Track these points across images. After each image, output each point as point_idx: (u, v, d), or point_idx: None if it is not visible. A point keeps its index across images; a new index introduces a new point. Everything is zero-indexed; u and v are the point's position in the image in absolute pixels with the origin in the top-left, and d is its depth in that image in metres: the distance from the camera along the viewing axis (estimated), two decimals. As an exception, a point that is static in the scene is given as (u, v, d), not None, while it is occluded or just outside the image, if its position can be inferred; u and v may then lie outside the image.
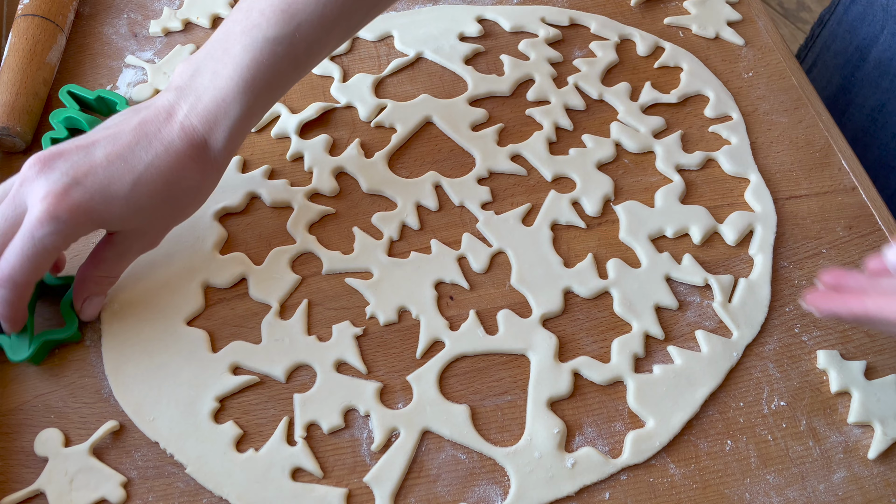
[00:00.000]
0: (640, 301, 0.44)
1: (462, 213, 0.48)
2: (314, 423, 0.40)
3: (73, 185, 0.37)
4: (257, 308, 0.44)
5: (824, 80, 0.66)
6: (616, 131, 0.51)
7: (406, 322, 0.44)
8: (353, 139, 0.50)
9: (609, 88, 0.53)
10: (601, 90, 0.53)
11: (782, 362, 0.43)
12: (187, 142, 0.40)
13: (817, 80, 0.66)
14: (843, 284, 0.38)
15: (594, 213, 0.48)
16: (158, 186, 0.39)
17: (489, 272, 0.46)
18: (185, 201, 0.42)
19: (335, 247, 0.46)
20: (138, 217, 0.40)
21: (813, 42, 0.69)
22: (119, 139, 0.39)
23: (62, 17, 0.53)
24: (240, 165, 0.49)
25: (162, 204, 0.40)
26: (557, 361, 0.42)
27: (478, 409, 0.41)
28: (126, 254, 0.42)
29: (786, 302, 0.45)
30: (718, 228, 0.47)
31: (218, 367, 0.42)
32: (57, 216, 0.37)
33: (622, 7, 0.58)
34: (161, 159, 0.39)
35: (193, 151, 0.40)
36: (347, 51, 0.55)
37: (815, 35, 0.68)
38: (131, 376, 0.41)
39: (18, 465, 0.39)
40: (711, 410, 0.42)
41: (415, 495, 0.39)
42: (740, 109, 0.53)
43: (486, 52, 0.55)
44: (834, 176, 0.50)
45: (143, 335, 0.42)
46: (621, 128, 0.51)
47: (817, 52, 0.68)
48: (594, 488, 0.39)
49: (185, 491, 0.38)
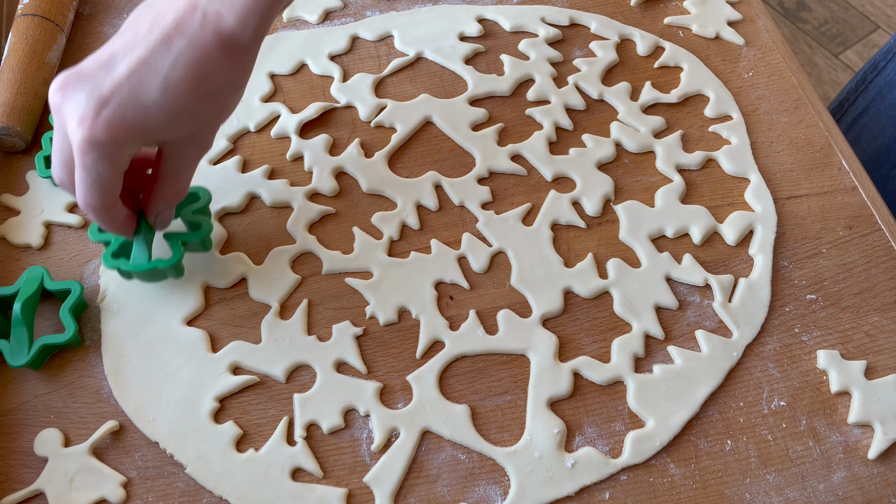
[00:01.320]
0: (640, 301, 0.44)
1: (462, 213, 0.48)
2: (314, 423, 0.40)
3: (102, 106, 0.35)
4: (257, 308, 0.44)
5: (876, 129, 0.63)
6: (616, 131, 0.51)
7: (406, 322, 0.44)
8: (353, 139, 0.50)
9: (609, 88, 0.53)
10: (601, 90, 0.53)
11: (782, 362, 0.43)
12: (212, 31, 0.36)
13: (867, 128, 0.64)
14: None
15: (594, 213, 0.48)
16: (191, 84, 0.36)
17: (489, 272, 0.46)
18: (223, 95, 0.39)
19: (335, 247, 0.46)
20: (179, 121, 0.37)
21: (865, 88, 0.66)
22: (137, 45, 0.36)
23: (62, 17, 0.53)
24: (240, 165, 0.49)
25: (199, 102, 0.37)
26: (557, 361, 0.42)
27: (478, 409, 0.41)
28: (182, 164, 0.40)
29: (786, 302, 0.45)
30: (718, 228, 0.47)
31: (218, 367, 0.42)
32: (94, 141, 0.35)
33: (622, 7, 0.58)
34: (186, 55, 0.36)
35: (220, 40, 0.37)
36: (347, 50, 0.55)
37: (868, 80, 0.65)
38: (131, 376, 0.41)
39: (18, 465, 0.39)
40: (711, 410, 0.42)
41: (415, 495, 0.39)
42: (740, 109, 0.53)
43: (486, 51, 0.55)
44: (834, 176, 0.50)
45: (142, 335, 0.42)
46: (621, 128, 0.51)
47: (870, 99, 0.65)
48: (594, 488, 0.39)
49: (185, 491, 0.38)
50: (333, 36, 0.55)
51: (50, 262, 0.45)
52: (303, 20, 0.56)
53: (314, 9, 0.56)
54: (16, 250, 0.46)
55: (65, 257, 0.45)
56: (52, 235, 0.46)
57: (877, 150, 0.56)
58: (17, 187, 0.48)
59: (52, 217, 0.46)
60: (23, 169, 0.48)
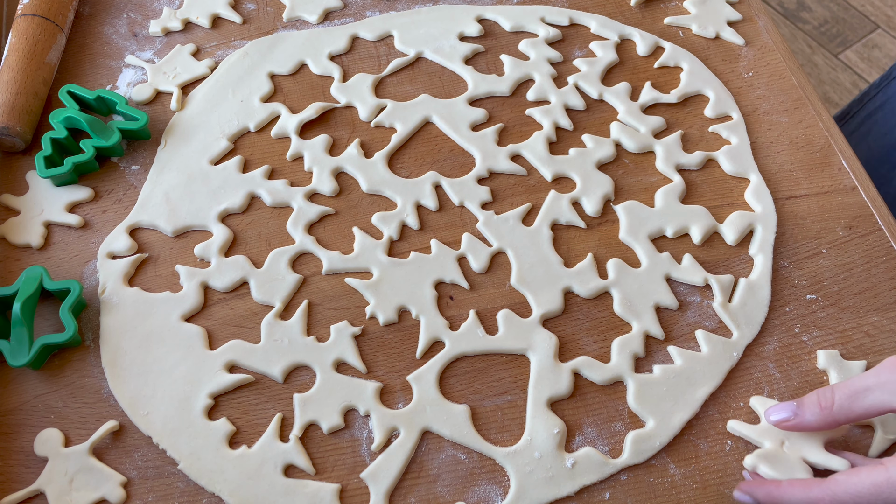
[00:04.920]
0: (640, 301, 0.44)
1: (462, 213, 0.48)
2: (314, 423, 0.40)
3: None
4: (257, 308, 0.44)
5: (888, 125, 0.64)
6: (616, 131, 0.51)
7: (406, 322, 0.44)
8: (353, 139, 0.50)
9: (609, 88, 0.53)
10: (601, 90, 0.53)
11: (782, 362, 0.43)
12: None
13: (879, 123, 0.64)
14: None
15: (594, 213, 0.48)
16: None
17: (489, 272, 0.46)
18: None
19: (335, 247, 0.46)
20: None
21: (889, 83, 0.65)
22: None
23: (62, 17, 0.53)
24: (240, 165, 0.49)
25: None
26: (557, 361, 0.42)
27: (478, 409, 0.41)
28: None
29: (786, 302, 0.45)
30: (718, 228, 0.47)
31: (214, 365, 0.42)
32: None
33: (622, 7, 0.58)
34: None
35: None
36: (347, 51, 0.55)
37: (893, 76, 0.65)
38: (127, 370, 0.41)
39: (18, 465, 0.39)
40: (711, 410, 0.42)
41: (414, 495, 0.39)
42: (740, 109, 0.53)
43: (486, 52, 0.55)
44: (834, 176, 0.50)
45: (140, 329, 0.43)
46: (621, 128, 0.51)
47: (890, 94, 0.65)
48: (594, 488, 0.39)
49: (184, 491, 0.38)
50: (333, 36, 0.55)
51: (50, 262, 0.45)
52: (303, 20, 0.56)
53: (314, 9, 0.56)
54: (16, 250, 0.46)
55: (65, 257, 0.45)
56: (52, 235, 0.46)
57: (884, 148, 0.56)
58: (17, 187, 0.48)
59: (52, 217, 0.46)
60: (23, 169, 0.48)
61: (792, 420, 0.38)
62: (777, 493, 0.37)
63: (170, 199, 0.47)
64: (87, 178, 0.48)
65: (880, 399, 0.35)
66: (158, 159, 0.49)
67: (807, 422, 0.38)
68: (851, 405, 0.36)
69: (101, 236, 0.46)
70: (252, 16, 0.56)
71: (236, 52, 0.54)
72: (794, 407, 0.38)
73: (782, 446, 0.40)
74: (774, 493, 0.37)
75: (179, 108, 0.51)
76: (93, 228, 0.46)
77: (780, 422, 0.39)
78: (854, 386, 0.36)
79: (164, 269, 0.45)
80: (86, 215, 0.47)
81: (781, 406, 0.39)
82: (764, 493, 0.37)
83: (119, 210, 0.47)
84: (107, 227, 0.46)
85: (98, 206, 0.47)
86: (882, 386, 0.35)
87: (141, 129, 0.49)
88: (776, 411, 0.39)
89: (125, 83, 0.53)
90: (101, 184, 0.48)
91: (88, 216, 0.47)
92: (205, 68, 0.53)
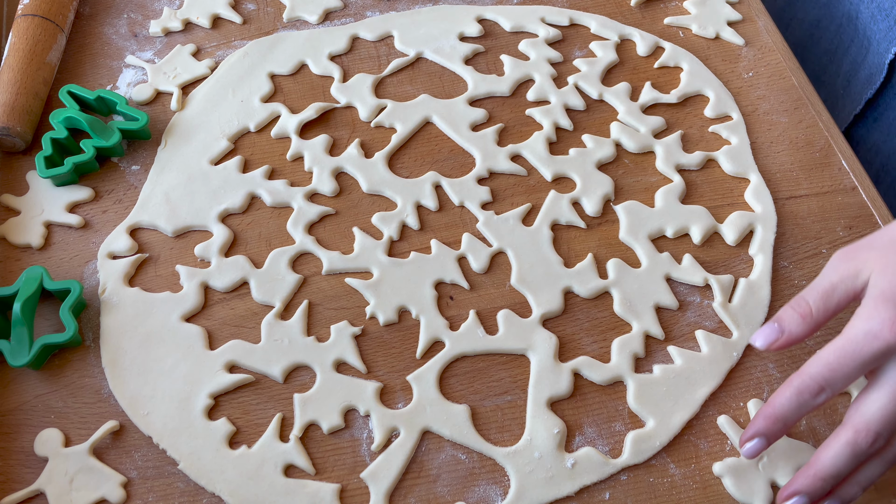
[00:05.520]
0: (640, 301, 0.44)
1: (462, 213, 0.48)
2: (314, 423, 0.40)
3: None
4: (257, 308, 0.44)
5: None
6: (616, 131, 0.51)
7: (406, 322, 0.44)
8: (353, 139, 0.50)
9: (609, 88, 0.53)
10: (601, 90, 0.53)
11: (782, 362, 0.43)
12: None
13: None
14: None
15: (594, 213, 0.48)
16: None
17: (489, 272, 0.46)
18: None
19: (335, 247, 0.46)
20: None
21: None
22: None
23: (62, 17, 0.53)
24: (240, 165, 0.49)
25: None
26: (557, 361, 0.42)
27: (478, 409, 0.41)
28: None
29: (786, 302, 0.45)
30: (718, 228, 0.47)
31: (214, 365, 0.42)
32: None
33: (622, 7, 0.58)
34: None
35: None
36: (347, 51, 0.55)
37: None
38: (127, 370, 0.41)
39: (18, 465, 0.39)
40: (711, 410, 0.42)
41: (414, 495, 0.39)
42: (740, 109, 0.53)
43: (486, 52, 0.55)
44: (834, 176, 0.50)
45: (140, 329, 0.43)
46: (621, 128, 0.51)
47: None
48: (594, 488, 0.39)
49: (185, 491, 0.38)
50: (333, 36, 0.55)
51: (50, 262, 0.45)
52: (303, 20, 0.56)
53: (314, 9, 0.56)
54: (16, 250, 0.46)
55: (65, 257, 0.45)
56: (52, 235, 0.46)
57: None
58: (17, 187, 0.48)
59: (52, 217, 0.46)
60: (23, 169, 0.48)
61: (781, 338, 0.38)
62: (770, 409, 0.37)
63: (170, 199, 0.47)
64: (87, 178, 0.48)
65: (846, 288, 0.37)
66: (158, 159, 0.49)
67: (795, 334, 0.38)
68: (827, 305, 0.38)
69: (101, 236, 0.46)
70: (252, 16, 0.56)
71: (236, 53, 0.54)
72: (775, 327, 0.39)
73: (759, 461, 0.39)
74: (768, 412, 0.37)
75: (179, 109, 0.51)
76: (93, 228, 0.46)
77: (769, 344, 0.39)
78: (821, 287, 0.38)
79: (165, 269, 0.45)
80: (86, 215, 0.47)
81: (763, 330, 0.39)
82: (760, 421, 0.37)
83: (119, 210, 0.47)
84: (107, 227, 0.46)
85: (98, 206, 0.47)
86: (844, 279, 0.38)
87: (141, 129, 0.49)
88: (760, 336, 0.39)
89: (125, 83, 0.53)
90: (101, 184, 0.48)
91: (88, 216, 0.47)
92: (205, 68, 0.53)
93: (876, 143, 0.61)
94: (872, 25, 0.58)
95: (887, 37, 0.57)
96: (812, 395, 0.36)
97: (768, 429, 0.37)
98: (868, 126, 0.62)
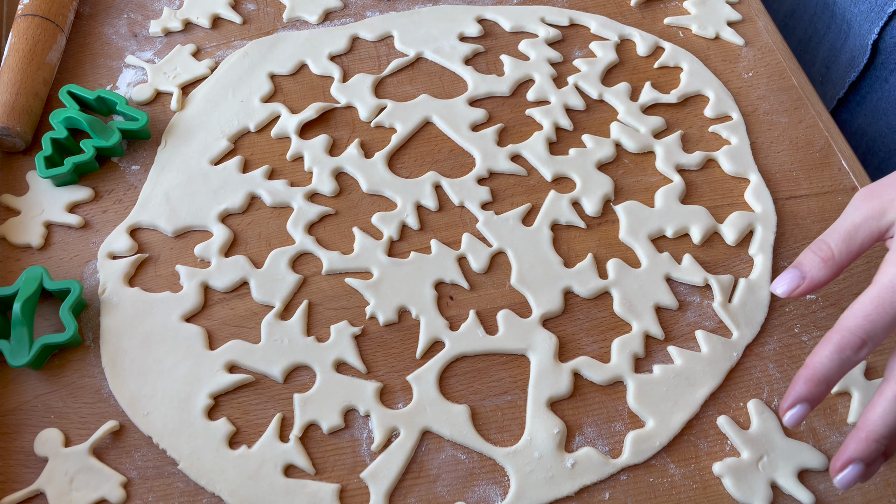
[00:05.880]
0: (640, 301, 0.44)
1: (462, 213, 0.48)
2: (314, 423, 0.40)
3: None
4: (257, 308, 0.44)
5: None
6: (616, 131, 0.51)
7: (406, 322, 0.44)
8: (353, 139, 0.50)
9: (609, 88, 0.53)
10: (601, 90, 0.53)
11: (782, 362, 0.43)
12: None
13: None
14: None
15: (594, 213, 0.48)
16: None
17: (489, 272, 0.46)
18: None
19: (335, 247, 0.46)
20: None
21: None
22: None
23: (62, 17, 0.53)
24: (240, 165, 0.49)
25: None
26: (557, 361, 0.42)
27: (478, 409, 0.41)
28: None
29: (786, 302, 0.45)
30: (718, 228, 0.47)
31: (214, 365, 0.42)
32: None
33: (622, 7, 0.58)
34: None
35: None
36: (347, 51, 0.55)
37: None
38: (127, 370, 0.41)
39: (18, 465, 0.39)
40: (711, 410, 0.42)
41: (414, 495, 0.39)
42: (740, 109, 0.53)
43: (486, 52, 0.55)
44: (834, 176, 0.50)
45: (140, 329, 0.43)
46: (621, 128, 0.51)
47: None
48: (594, 488, 0.39)
49: (185, 491, 0.38)
50: (333, 36, 0.55)
51: (50, 262, 0.45)
52: (303, 20, 0.56)
53: (314, 9, 0.56)
54: (16, 250, 0.46)
55: (65, 257, 0.45)
56: (52, 235, 0.46)
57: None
58: (17, 187, 0.48)
59: (52, 217, 0.46)
60: (23, 169, 0.48)
61: (803, 284, 0.37)
62: (811, 371, 0.35)
63: (170, 199, 0.47)
64: (87, 178, 0.48)
65: (870, 229, 0.36)
66: (158, 159, 0.49)
67: (817, 279, 0.37)
68: (850, 247, 0.36)
69: (101, 236, 0.46)
70: (252, 16, 0.56)
71: (236, 53, 0.54)
72: (796, 273, 0.37)
73: (759, 461, 0.39)
74: (808, 374, 0.35)
75: (179, 109, 0.51)
76: (93, 228, 0.46)
77: (790, 291, 0.37)
78: (843, 229, 0.37)
79: (165, 269, 0.45)
80: (86, 215, 0.47)
81: (784, 276, 0.38)
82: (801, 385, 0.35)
83: (119, 210, 0.47)
84: (107, 227, 0.46)
85: (98, 206, 0.47)
86: (868, 218, 0.36)
87: (141, 130, 0.49)
88: (781, 283, 0.38)
89: (125, 83, 0.53)
90: (101, 184, 0.48)
91: (88, 216, 0.47)
92: (205, 68, 0.53)
93: (861, 126, 0.61)
94: (853, 8, 0.58)
95: (869, 18, 0.57)
96: (854, 351, 0.34)
97: (811, 392, 0.35)
98: (852, 109, 0.62)
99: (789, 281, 0.37)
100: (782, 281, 0.38)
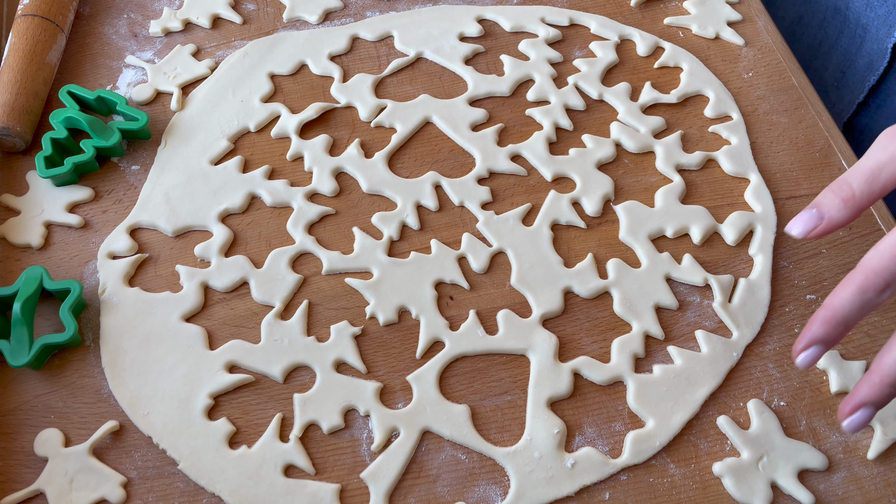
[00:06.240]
0: (640, 301, 0.44)
1: (462, 213, 0.48)
2: (314, 423, 0.40)
3: None
4: (257, 308, 0.44)
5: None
6: (616, 131, 0.51)
7: (406, 322, 0.44)
8: (353, 139, 0.50)
9: (609, 88, 0.53)
10: (601, 90, 0.53)
11: (782, 362, 0.43)
12: None
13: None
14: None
15: (594, 213, 0.48)
16: None
17: (489, 272, 0.46)
18: None
19: (335, 247, 0.46)
20: None
21: None
22: None
23: (62, 17, 0.53)
24: (240, 165, 0.49)
25: None
26: (557, 361, 0.42)
27: (478, 409, 0.41)
28: None
29: (786, 302, 0.45)
30: (718, 228, 0.47)
31: (214, 365, 0.42)
32: None
33: (622, 7, 0.58)
34: None
35: None
36: (347, 51, 0.55)
37: None
38: (127, 370, 0.41)
39: (18, 465, 0.39)
40: (711, 410, 0.42)
41: (414, 495, 0.39)
42: (740, 109, 0.53)
43: (486, 52, 0.55)
44: (834, 176, 0.50)
45: (140, 329, 0.43)
46: (621, 128, 0.51)
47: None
48: (594, 488, 0.39)
49: (185, 491, 0.38)
50: (333, 36, 0.55)
51: (50, 262, 0.45)
52: (303, 20, 0.56)
53: (314, 9, 0.56)
54: (16, 250, 0.46)
55: (65, 257, 0.45)
56: (52, 235, 0.46)
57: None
58: (17, 187, 0.48)
59: (52, 217, 0.46)
60: (23, 169, 0.48)
61: (821, 224, 0.35)
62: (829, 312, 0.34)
63: (170, 199, 0.47)
64: (87, 178, 0.48)
65: (895, 169, 0.34)
66: (158, 159, 0.49)
67: (836, 220, 0.35)
68: (872, 187, 0.34)
69: (101, 236, 0.46)
70: (252, 16, 0.56)
71: (236, 53, 0.54)
72: (814, 213, 0.35)
73: (759, 461, 0.39)
74: (826, 315, 0.34)
75: (179, 109, 0.51)
76: (93, 228, 0.46)
77: (807, 232, 0.36)
78: (867, 168, 0.35)
79: (165, 269, 0.45)
80: (86, 215, 0.47)
81: (801, 216, 0.36)
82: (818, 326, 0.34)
83: (119, 210, 0.47)
84: (107, 227, 0.46)
85: (98, 206, 0.47)
86: (893, 157, 0.34)
87: (141, 130, 0.49)
88: (798, 223, 0.36)
89: (125, 83, 0.53)
90: (101, 184, 0.48)
91: (88, 216, 0.47)
92: (205, 68, 0.53)
93: (881, 130, 0.61)
94: (868, 13, 0.58)
95: (886, 22, 0.56)
96: (877, 293, 0.32)
97: (828, 334, 0.34)
98: (871, 114, 0.62)
99: (806, 221, 0.35)
100: (799, 221, 0.36)
